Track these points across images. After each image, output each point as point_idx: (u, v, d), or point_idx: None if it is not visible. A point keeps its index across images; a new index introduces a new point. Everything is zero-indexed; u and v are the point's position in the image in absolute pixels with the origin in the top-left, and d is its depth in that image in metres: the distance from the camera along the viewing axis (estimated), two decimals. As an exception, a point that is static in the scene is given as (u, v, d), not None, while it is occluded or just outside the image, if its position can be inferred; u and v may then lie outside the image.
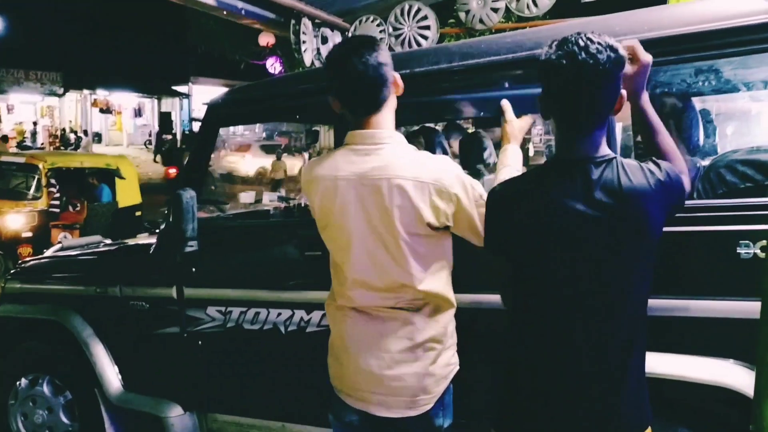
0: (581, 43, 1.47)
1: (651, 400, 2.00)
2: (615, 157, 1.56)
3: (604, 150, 1.58)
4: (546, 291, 1.61)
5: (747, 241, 1.82)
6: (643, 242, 1.55)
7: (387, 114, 1.83)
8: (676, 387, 1.89)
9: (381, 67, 1.76)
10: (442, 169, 1.80)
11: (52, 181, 8.88)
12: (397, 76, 1.82)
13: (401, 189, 1.74)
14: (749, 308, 1.80)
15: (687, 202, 2.16)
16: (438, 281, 1.86)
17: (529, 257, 1.62)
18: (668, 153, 1.73)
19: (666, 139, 1.75)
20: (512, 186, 1.69)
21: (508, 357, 1.70)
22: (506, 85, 2.24)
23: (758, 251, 1.80)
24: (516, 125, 2.12)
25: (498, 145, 2.53)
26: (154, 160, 25.01)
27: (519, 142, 2.12)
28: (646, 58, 1.69)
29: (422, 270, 1.82)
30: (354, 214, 1.81)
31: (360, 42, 1.86)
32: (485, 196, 1.79)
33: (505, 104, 2.15)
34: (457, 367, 1.94)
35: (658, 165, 1.60)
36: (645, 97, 1.74)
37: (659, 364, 1.89)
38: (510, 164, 2.04)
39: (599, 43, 1.48)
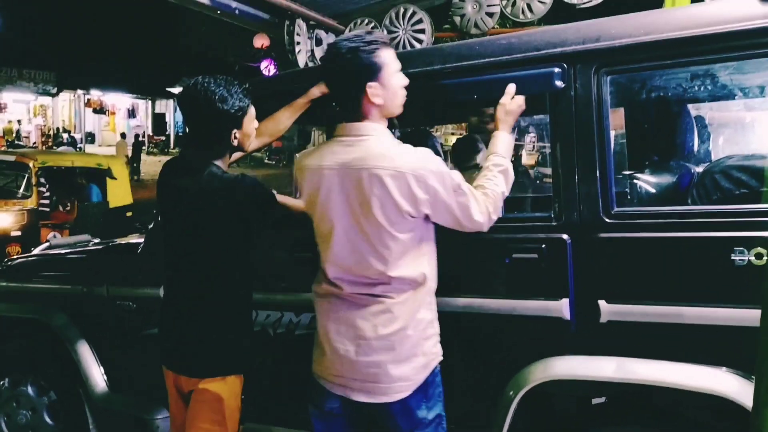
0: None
1: (642, 407, 1.99)
2: None
3: None
4: None
5: (742, 248, 1.80)
6: None
7: (367, 112, 1.91)
8: (669, 394, 1.87)
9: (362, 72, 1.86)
10: (421, 159, 1.85)
11: (42, 180, 8.80)
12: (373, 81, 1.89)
13: (380, 179, 1.80)
14: (743, 316, 1.78)
15: (682, 207, 2.15)
16: (417, 269, 1.89)
17: None
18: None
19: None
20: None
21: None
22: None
23: (753, 258, 1.78)
24: (505, 109, 2.09)
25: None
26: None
27: (509, 126, 2.10)
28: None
29: (401, 258, 1.86)
30: (337, 203, 1.89)
31: (350, 40, 1.91)
32: (464, 185, 1.87)
33: (509, 87, 2.09)
34: (440, 358, 1.96)
35: None
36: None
37: (652, 371, 1.88)
38: (497, 152, 2.05)
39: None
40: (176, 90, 31.86)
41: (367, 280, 1.89)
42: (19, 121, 26.45)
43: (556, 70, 2.04)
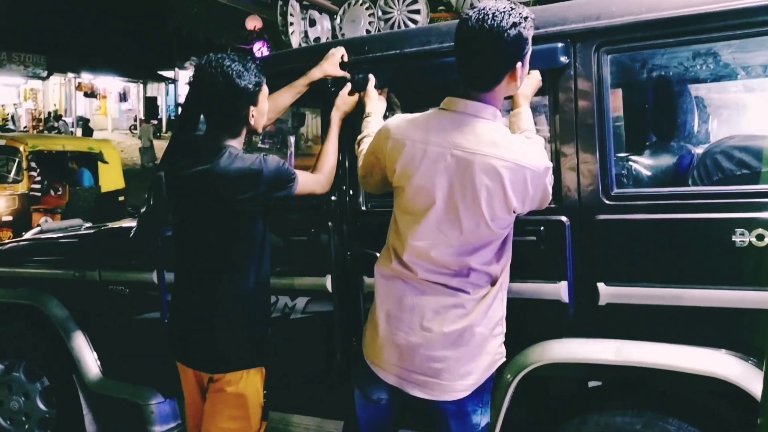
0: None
1: (643, 390, 1.98)
2: None
3: None
4: None
5: (743, 229, 1.78)
6: None
7: (498, 93, 1.75)
8: (668, 377, 1.86)
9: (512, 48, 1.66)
10: (540, 155, 1.74)
11: (33, 164, 8.73)
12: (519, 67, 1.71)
13: (495, 170, 1.66)
14: (744, 297, 1.77)
15: (682, 188, 2.12)
16: (499, 266, 1.81)
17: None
18: None
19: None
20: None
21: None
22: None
23: (754, 239, 1.76)
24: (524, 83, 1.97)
25: None
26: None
27: (529, 101, 2.02)
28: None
29: (489, 253, 1.77)
30: (438, 183, 1.72)
31: (507, 13, 1.67)
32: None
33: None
34: (503, 359, 1.89)
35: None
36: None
37: (651, 354, 1.86)
38: (527, 128, 1.95)
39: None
40: (167, 73, 31.68)
41: (445, 270, 1.76)
42: (14, 105, 26.24)
43: (560, 45, 2.00)
